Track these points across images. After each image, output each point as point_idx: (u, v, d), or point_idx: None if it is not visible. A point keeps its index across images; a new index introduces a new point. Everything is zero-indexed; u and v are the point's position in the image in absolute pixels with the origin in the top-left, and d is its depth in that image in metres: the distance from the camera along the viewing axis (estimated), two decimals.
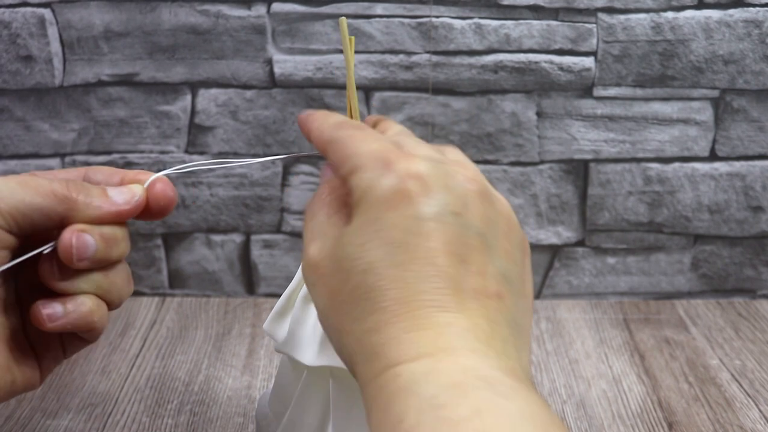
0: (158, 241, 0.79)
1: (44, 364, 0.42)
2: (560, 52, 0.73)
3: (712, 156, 0.76)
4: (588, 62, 0.73)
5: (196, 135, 0.76)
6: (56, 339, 0.42)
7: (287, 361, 0.49)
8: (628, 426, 0.60)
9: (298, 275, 0.47)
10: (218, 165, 0.47)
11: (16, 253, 0.39)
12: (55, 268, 0.39)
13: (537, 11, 0.72)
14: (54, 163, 0.76)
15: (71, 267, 0.39)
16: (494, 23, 0.72)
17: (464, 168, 0.36)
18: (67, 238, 0.39)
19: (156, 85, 0.74)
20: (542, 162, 0.76)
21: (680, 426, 0.61)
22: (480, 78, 0.74)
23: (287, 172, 0.77)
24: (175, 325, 0.74)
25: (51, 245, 0.39)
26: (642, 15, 0.72)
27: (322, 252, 0.34)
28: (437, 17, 0.72)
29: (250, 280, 0.80)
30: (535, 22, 0.72)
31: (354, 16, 0.72)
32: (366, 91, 0.74)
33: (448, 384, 0.29)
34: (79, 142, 0.75)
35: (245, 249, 0.79)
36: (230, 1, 0.72)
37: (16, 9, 0.71)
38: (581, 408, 0.63)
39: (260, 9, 0.72)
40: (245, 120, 0.75)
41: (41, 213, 0.39)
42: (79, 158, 0.76)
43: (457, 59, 0.73)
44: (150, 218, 0.42)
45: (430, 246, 0.32)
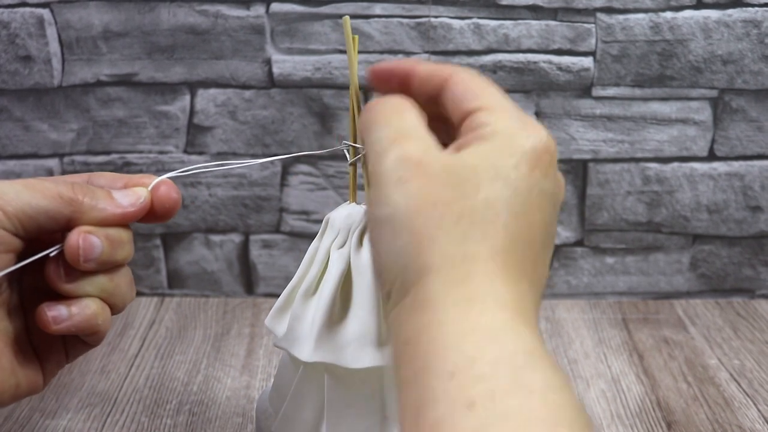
0: (157, 241, 0.79)
1: (47, 368, 0.42)
2: (559, 52, 0.73)
3: (711, 156, 0.77)
4: (587, 62, 0.73)
5: (195, 135, 0.76)
6: (59, 342, 0.43)
7: (287, 357, 0.49)
8: (627, 426, 0.60)
9: (299, 273, 0.47)
10: (220, 167, 0.47)
11: (22, 256, 0.39)
12: (61, 270, 0.40)
13: (536, 11, 0.72)
14: (53, 163, 0.76)
15: (77, 268, 0.39)
16: (493, 23, 0.72)
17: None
18: (74, 239, 0.39)
19: (155, 85, 0.74)
20: None
21: (679, 425, 0.61)
22: None
23: (286, 172, 0.77)
24: (174, 325, 0.74)
25: (58, 247, 0.40)
26: (641, 15, 0.72)
27: (429, 154, 0.34)
28: (436, 17, 0.72)
29: (249, 280, 0.80)
30: (534, 22, 0.72)
31: (353, 16, 0.71)
32: (365, 91, 0.74)
33: (526, 350, 0.30)
34: (78, 143, 0.75)
35: (244, 249, 0.79)
36: (229, 1, 0.72)
37: (15, 9, 0.71)
38: None
39: (259, 9, 0.72)
40: (244, 120, 0.75)
41: (47, 215, 0.39)
42: (78, 158, 0.76)
43: (456, 59, 0.73)
44: (155, 221, 0.43)
45: (536, 219, 0.34)
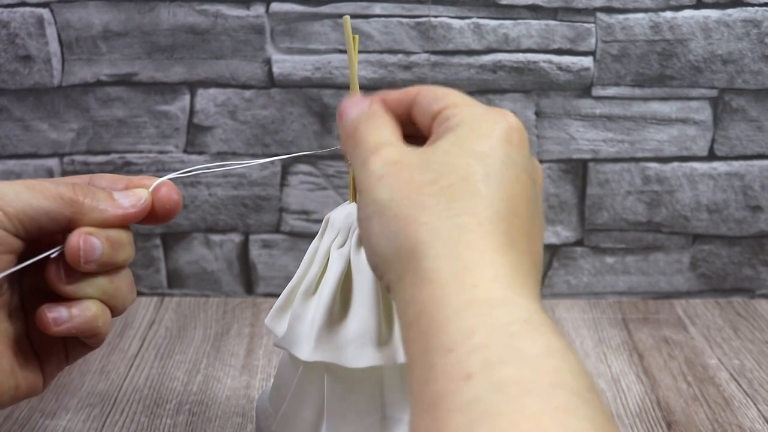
0: (157, 241, 0.79)
1: (47, 370, 0.42)
2: (559, 52, 0.73)
3: (711, 155, 0.76)
4: (587, 62, 0.73)
5: (195, 135, 0.76)
6: (59, 344, 0.43)
7: (287, 357, 0.49)
8: (627, 425, 0.60)
9: (299, 273, 0.47)
10: (221, 167, 0.47)
11: (22, 258, 0.39)
12: (62, 272, 0.39)
13: (536, 11, 0.72)
14: (53, 163, 0.76)
15: (78, 270, 0.39)
16: (493, 23, 0.72)
17: None
18: (75, 241, 0.39)
19: (155, 85, 0.74)
20: (541, 162, 0.76)
21: (679, 425, 0.61)
22: (479, 78, 0.74)
23: (286, 172, 0.77)
24: (174, 325, 0.74)
25: (59, 249, 0.40)
26: (640, 15, 0.72)
27: (405, 154, 0.36)
28: (436, 17, 0.72)
29: (249, 280, 0.80)
30: (534, 22, 0.72)
31: (353, 16, 0.71)
32: (365, 91, 0.74)
33: (521, 318, 0.31)
34: (78, 142, 0.75)
35: (244, 249, 0.79)
36: (229, 1, 0.72)
37: (15, 9, 0.71)
38: None
39: (259, 9, 0.72)
40: (244, 120, 0.75)
41: (48, 216, 0.39)
42: (78, 158, 0.76)
43: (456, 59, 0.73)
44: (156, 222, 0.42)
45: (516, 192, 0.35)
